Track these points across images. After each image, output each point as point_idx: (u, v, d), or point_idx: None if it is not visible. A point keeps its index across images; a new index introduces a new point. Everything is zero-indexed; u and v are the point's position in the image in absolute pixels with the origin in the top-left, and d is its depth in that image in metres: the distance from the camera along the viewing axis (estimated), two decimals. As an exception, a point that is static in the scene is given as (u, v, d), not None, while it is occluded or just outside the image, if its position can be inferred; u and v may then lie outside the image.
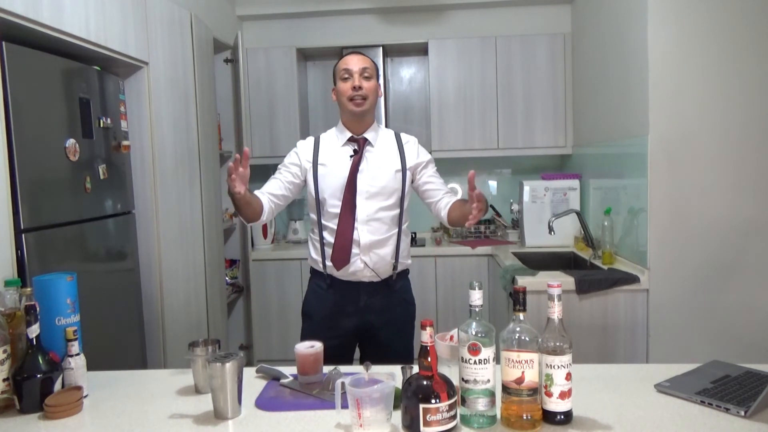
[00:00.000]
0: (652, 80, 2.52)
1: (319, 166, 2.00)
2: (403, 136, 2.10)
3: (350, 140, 2.01)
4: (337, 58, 4.01)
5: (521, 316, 1.22)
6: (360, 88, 1.94)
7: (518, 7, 3.96)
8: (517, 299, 1.23)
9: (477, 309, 1.23)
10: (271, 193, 2.01)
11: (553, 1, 3.87)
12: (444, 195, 2.07)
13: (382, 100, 3.93)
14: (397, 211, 2.02)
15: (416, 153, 2.07)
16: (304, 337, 1.96)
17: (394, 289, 2.05)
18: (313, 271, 2.10)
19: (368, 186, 1.97)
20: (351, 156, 1.99)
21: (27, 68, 1.84)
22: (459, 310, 3.64)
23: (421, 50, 4.02)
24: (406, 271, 2.11)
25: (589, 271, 2.78)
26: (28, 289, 1.49)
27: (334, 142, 2.04)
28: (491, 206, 4.08)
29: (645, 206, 2.57)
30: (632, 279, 2.57)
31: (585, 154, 3.59)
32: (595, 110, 3.35)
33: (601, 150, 3.26)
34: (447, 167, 4.17)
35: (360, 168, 1.98)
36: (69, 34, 1.97)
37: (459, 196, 2.10)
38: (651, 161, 2.53)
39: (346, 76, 1.96)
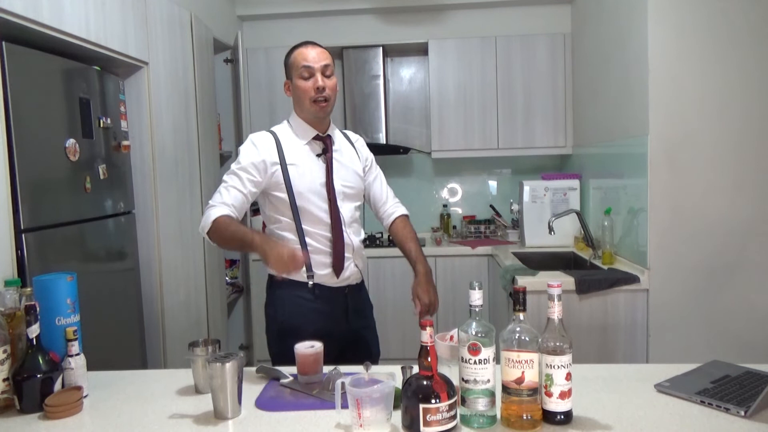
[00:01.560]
0: (652, 80, 2.52)
1: (289, 167, 1.81)
2: (350, 134, 2.03)
3: (316, 138, 1.88)
4: (337, 59, 4.06)
5: (521, 316, 1.22)
6: (324, 88, 1.80)
7: (518, 7, 3.96)
8: (517, 299, 1.23)
9: (477, 309, 1.23)
10: (237, 207, 1.76)
11: (553, 1, 3.87)
12: (389, 199, 2.04)
13: (382, 100, 3.93)
14: (362, 210, 2.00)
15: (366, 150, 2.04)
16: (289, 355, 1.66)
17: (364, 288, 2.02)
18: (288, 283, 1.82)
19: (343, 188, 1.88)
20: (318, 155, 1.86)
21: (27, 68, 1.84)
22: (459, 310, 3.64)
23: (421, 50, 4.02)
24: None
25: (589, 271, 2.78)
26: (28, 289, 1.50)
27: (295, 140, 1.86)
28: (491, 206, 4.09)
29: (645, 206, 2.57)
30: (632, 279, 2.57)
31: (585, 154, 3.59)
32: (595, 110, 3.35)
33: (601, 150, 3.26)
34: (447, 167, 4.18)
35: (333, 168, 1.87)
36: (69, 34, 1.97)
37: (404, 211, 2.06)
38: (651, 161, 2.53)
39: (307, 74, 1.81)
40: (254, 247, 1.63)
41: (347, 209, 1.89)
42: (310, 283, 1.84)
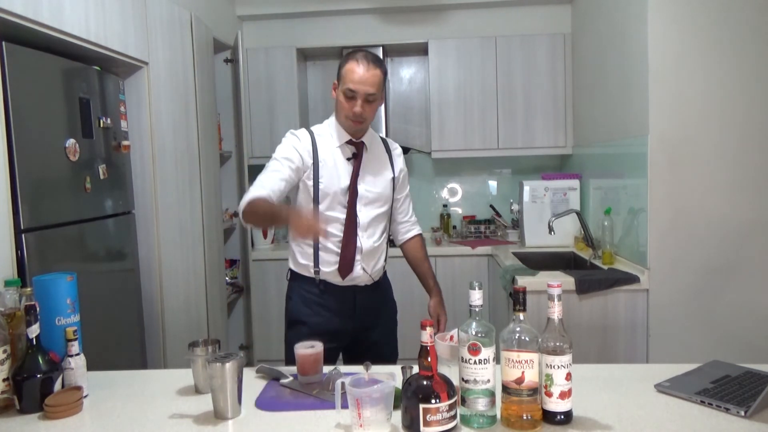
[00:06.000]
0: (652, 80, 2.52)
1: (320, 165, 1.89)
2: (390, 143, 2.07)
3: (348, 143, 1.94)
4: (337, 59, 4.06)
5: (521, 316, 1.22)
6: (360, 114, 1.84)
7: (518, 7, 3.96)
8: (517, 299, 1.23)
9: (477, 309, 1.23)
10: (275, 192, 1.80)
11: (553, 1, 3.87)
12: (408, 219, 2.13)
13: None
14: (388, 217, 2.03)
15: (402, 162, 2.07)
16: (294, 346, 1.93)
17: (382, 289, 2.05)
18: (299, 277, 1.97)
19: (367, 192, 1.93)
20: (349, 159, 1.93)
21: (27, 68, 1.84)
22: (459, 310, 3.63)
23: (421, 50, 4.02)
24: (385, 270, 2.10)
25: (589, 271, 2.78)
26: (28, 289, 1.49)
27: (330, 141, 1.93)
28: (491, 206, 4.09)
29: (645, 206, 2.57)
30: (632, 279, 2.56)
31: (585, 154, 3.59)
32: (595, 110, 3.35)
33: (601, 150, 3.26)
34: (447, 167, 4.18)
35: (359, 173, 1.93)
36: (69, 34, 1.97)
37: (420, 230, 2.16)
38: (651, 161, 2.53)
39: (351, 95, 1.83)
40: (282, 216, 1.71)
41: (366, 213, 1.93)
42: (317, 278, 1.92)
